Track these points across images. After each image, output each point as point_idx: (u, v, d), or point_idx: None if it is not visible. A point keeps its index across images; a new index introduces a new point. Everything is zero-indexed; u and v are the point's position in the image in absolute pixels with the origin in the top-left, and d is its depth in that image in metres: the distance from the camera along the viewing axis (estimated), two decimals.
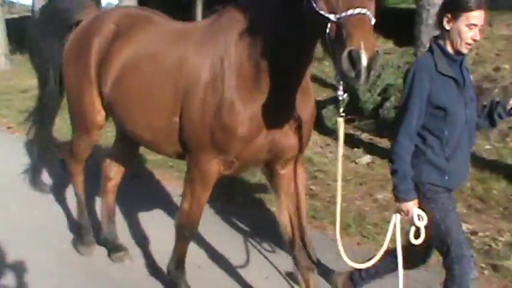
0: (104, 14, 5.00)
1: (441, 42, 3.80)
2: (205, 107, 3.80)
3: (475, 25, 3.67)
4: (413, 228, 3.86)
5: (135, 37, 4.50)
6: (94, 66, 4.69)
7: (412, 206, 3.79)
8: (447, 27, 3.73)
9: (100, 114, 4.90)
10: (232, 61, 3.73)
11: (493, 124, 4.10)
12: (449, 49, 3.77)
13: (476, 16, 3.64)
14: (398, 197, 3.81)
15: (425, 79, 3.69)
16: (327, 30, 2.96)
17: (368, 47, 2.80)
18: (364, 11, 2.91)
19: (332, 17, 2.95)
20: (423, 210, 3.80)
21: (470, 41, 3.71)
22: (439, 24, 3.79)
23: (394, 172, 3.80)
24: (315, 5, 3.04)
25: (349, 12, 2.90)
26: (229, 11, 3.90)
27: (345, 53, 2.81)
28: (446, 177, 3.82)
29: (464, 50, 3.75)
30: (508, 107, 3.96)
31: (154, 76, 4.20)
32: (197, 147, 3.96)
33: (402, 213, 3.87)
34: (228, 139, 3.78)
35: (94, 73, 4.70)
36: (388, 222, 4.07)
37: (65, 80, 5.10)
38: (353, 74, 2.85)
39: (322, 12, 3.00)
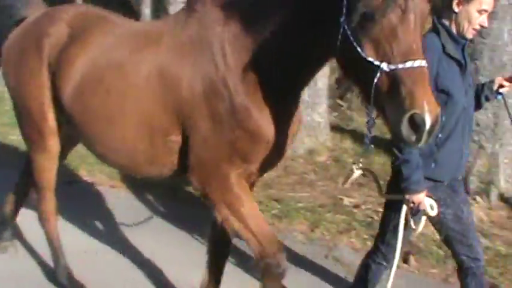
0: (55, 12, 4.34)
1: (446, 23, 3.61)
2: (217, 118, 3.33)
3: (486, 11, 3.54)
4: (423, 219, 3.74)
5: (93, 42, 3.91)
6: (46, 72, 4.11)
7: (424, 197, 3.61)
8: (456, 9, 3.54)
9: (52, 122, 4.24)
10: (232, 65, 3.31)
11: (479, 106, 4.01)
12: (454, 32, 3.61)
13: (489, 2, 3.52)
14: (410, 188, 3.58)
15: (434, 60, 3.43)
16: (375, 80, 2.59)
17: (432, 109, 2.49)
18: (423, 63, 2.56)
19: (385, 66, 2.57)
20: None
21: (477, 27, 3.58)
22: (447, 4, 3.57)
23: (405, 162, 3.54)
24: (359, 50, 2.64)
25: (408, 64, 2.53)
26: (207, 9, 3.46)
27: (407, 116, 2.49)
28: (433, 165, 3.70)
29: (470, 35, 3.61)
30: (495, 87, 3.90)
31: (127, 92, 3.63)
32: (215, 163, 3.43)
33: (412, 205, 3.64)
34: (252, 145, 3.37)
35: (47, 79, 4.11)
36: None
37: (6, 81, 4.50)
38: (414, 139, 2.54)
39: (370, 59, 2.60)
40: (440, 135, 3.59)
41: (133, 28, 4.05)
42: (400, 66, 2.53)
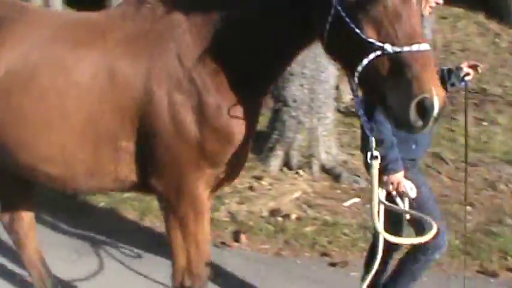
0: None
1: None
2: (182, 118, 2.99)
3: None
4: (406, 201, 3.59)
5: (16, 35, 3.26)
6: None
7: (402, 177, 3.53)
8: None
9: None
10: (198, 58, 2.98)
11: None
12: None
13: None
14: (388, 168, 3.49)
15: None
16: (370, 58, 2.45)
17: (440, 94, 2.38)
18: (428, 46, 2.45)
19: (389, 48, 2.42)
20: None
21: (433, 4, 3.64)
22: None
23: (380, 142, 3.26)
24: (358, 31, 2.47)
25: (414, 47, 2.41)
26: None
27: (416, 101, 2.36)
28: (414, 146, 3.70)
29: (426, 12, 3.61)
30: (462, 74, 3.92)
31: (67, 92, 3.12)
32: (181, 169, 3.10)
33: (391, 186, 3.55)
34: (223, 146, 3.08)
35: None
36: None
37: None
38: (420, 124, 2.42)
39: (371, 40, 2.44)
40: None
41: (69, 20, 3.50)
42: (406, 48, 2.41)
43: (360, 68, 2.48)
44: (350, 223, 5.91)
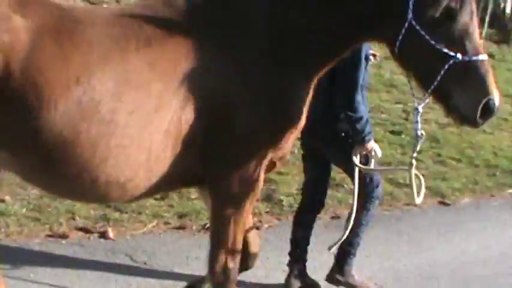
0: None
1: None
2: (261, 106, 3.14)
3: None
4: (373, 161, 4.45)
5: (91, 39, 2.91)
6: None
7: (374, 143, 4.46)
8: None
9: None
10: (264, 52, 3.12)
11: None
12: None
13: None
14: (366, 138, 4.36)
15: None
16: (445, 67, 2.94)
17: (499, 98, 2.91)
18: (487, 57, 3.00)
19: (460, 56, 2.94)
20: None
21: None
22: None
23: (359, 119, 4.35)
24: (433, 42, 2.95)
25: (480, 57, 2.96)
26: None
27: (484, 101, 2.92)
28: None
29: None
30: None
31: (153, 91, 2.98)
32: (251, 159, 3.20)
33: (365, 153, 4.40)
34: (289, 134, 3.30)
35: None
36: None
37: None
38: (481, 121, 2.99)
39: (445, 50, 2.94)
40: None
41: (124, 16, 3.15)
42: (474, 58, 2.94)
43: (439, 77, 2.97)
44: None
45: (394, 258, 5.70)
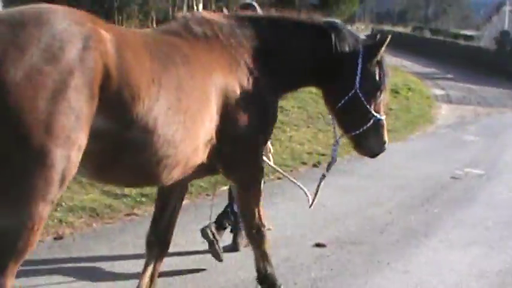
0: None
1: None
2: (267, 106, 4.37)
3: None
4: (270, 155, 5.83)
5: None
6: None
7: None
8: None
9: None
10: (267, 72, 4.32)
11: None
12: None
13: None
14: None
15: None
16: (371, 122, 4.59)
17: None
18: None
19: (379, 116, 4.62)
20: None
21: None
22: None
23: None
24: (366, 103, 4.52)
25: (383, 117, 4.70)
26: (230, 19, 4.36)
27: (385, 144, 4.78)
28: None
29: None
30: None
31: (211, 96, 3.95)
32: (258, 151, 4.48)
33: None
34: (273, 129, 4.69)
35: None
36: None
37: None
38: (381, 153, 4.85)
39: (373, 112, 4.58)
40: None
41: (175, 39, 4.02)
42: (383, 117, 4.69)
43: (365, 127, 4.59)
44: None
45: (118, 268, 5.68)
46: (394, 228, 7.11)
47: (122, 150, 3.45)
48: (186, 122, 3.66)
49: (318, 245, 6.37)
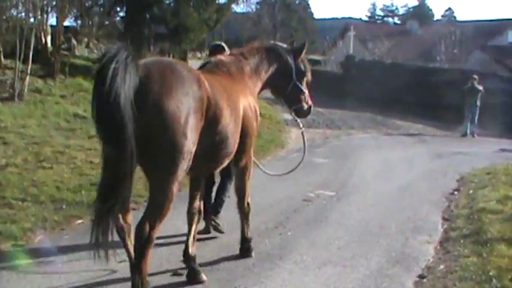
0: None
1: None
2: (255, 117, 6.61)
3: None
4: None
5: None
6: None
7: None
8: None
9: None
10: (255, 89, 7.07)
11: None
12: None
13: None
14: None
15: None
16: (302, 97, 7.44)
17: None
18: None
19: (306, 91, 7.45)
20: None
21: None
22: None
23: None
24: (300, 86, 7.31)
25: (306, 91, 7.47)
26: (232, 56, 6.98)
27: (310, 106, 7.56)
28: None
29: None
30: None
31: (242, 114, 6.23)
32: (251, 146, 6.65)
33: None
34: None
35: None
36: None
37: None
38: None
39: (304, 90, 7.40)
40: None
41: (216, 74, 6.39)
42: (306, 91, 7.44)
43: (301, 104, 7.49)
44: None
45: None
46: None
47: (213, 147, 5.55)
48: (236, 129, 5.85)
49: (175, 274, 6.31)
